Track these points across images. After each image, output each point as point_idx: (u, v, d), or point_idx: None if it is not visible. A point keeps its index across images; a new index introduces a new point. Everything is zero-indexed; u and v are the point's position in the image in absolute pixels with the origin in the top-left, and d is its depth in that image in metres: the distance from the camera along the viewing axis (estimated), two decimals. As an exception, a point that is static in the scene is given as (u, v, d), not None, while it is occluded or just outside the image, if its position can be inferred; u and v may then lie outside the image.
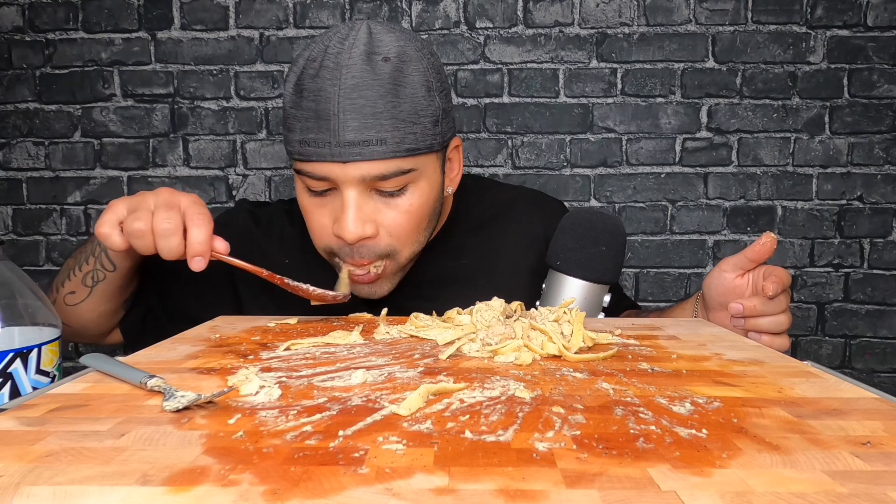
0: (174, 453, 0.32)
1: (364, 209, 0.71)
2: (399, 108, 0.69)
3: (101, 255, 0.74)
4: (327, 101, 0.68)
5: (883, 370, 1.52)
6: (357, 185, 0.70)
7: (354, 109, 0.68)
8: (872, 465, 0.31)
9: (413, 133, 0.70)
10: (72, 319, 0.79)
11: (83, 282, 0.76)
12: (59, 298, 0.78)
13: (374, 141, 0.68)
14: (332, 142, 0.68)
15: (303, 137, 0.70)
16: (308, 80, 0.70)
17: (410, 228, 0.75)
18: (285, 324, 0.67)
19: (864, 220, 1.50)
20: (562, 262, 0.77)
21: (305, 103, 0.70)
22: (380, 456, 0.31)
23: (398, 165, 0.70)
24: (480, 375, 0.47)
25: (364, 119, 0.68)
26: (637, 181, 1.51)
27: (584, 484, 0.28)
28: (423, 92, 0.71)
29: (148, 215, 0.62)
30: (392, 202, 0.73)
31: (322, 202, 0.74)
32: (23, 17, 1.51)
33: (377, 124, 0.68)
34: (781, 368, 0.49)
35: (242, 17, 1.50)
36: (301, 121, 0.70)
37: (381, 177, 0.70)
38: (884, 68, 1.46)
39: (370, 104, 0.68)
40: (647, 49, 1.48)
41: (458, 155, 0.83)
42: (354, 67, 0.68)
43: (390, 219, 0.73)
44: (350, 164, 0.69)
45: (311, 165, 0.71)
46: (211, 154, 1.53)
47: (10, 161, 1.54)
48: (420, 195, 0.74)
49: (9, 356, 0.52)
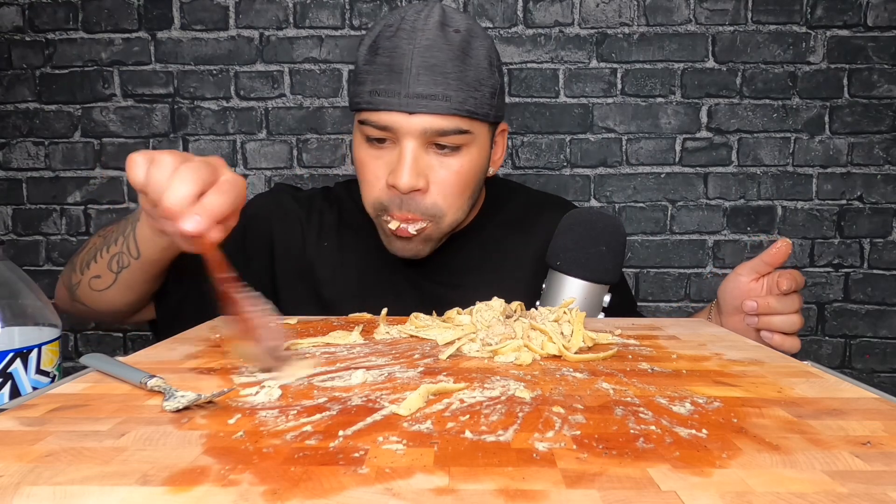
0: (174, 453, 0.32)
1: (420, 162, 0.76)
2: (465, 73, 0.75)
3: (130, 238, 0.70)
4: (402, 56, 0.74)
5: (883, 370, 1.52)
6: (417, 138, 0.75)
7: (426, 66, 0.73)
8: (872, 465, 0.31)
9: (474, 97, 0.76)
10: (97, 304, 0.76)
11: (109, 265, 0.72)
12: (83, 280, 0.74)
13: (440, 96, 0.74)
14: (401, 92, 0.73)
15: (374, 88, 0.75)
16: (384, 41, 0.75)
17: (458, 190, 0.78)
18: (285, 324, 0.67)
19: (864, 220, 1.50)
20: (562, 262, 0.77)
21: (380, 59, 0.75)
22: (380, 456, 0.31)
23: (457, 124, 0.75)
24: (480, 375, 0.47)
25: (433, 76, 0.73)
26: (637, 181, 1.51)
27: (584, 484, 0.28)
28: (485, 64, 0.77)
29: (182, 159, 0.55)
30: (445, 161, 0.77)
31: (379, 154, 0.78)
32: (23, 17, 1.51)
33: (444, 82, 0.74)
34: (781, 368, 0.49)
35: (242, 17, 1.50)
36: (373, 74, 0.75)
37: (441, 132, 0.75)
38: (884, 68, 1.46)
39: (440, 64, 0.74)
40: (647, 49, 1.48)
41: (503, 140, 0.88)
42: (430, 31, 0.74)
43: (441, 177, 0.77)
44: (415, 115, 0.74)
45: (377, 115, 0.75)
46: (211, 154, 1.53)
47: (10, 161, 1.54)
48: (470, 160, 0.78)
49: (9, 356, 0.52)
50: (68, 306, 0.80)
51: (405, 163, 0.74)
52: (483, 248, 0.90)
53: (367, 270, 0.87)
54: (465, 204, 0.81)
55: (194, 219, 0.51)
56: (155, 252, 0.69)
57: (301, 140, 1.52)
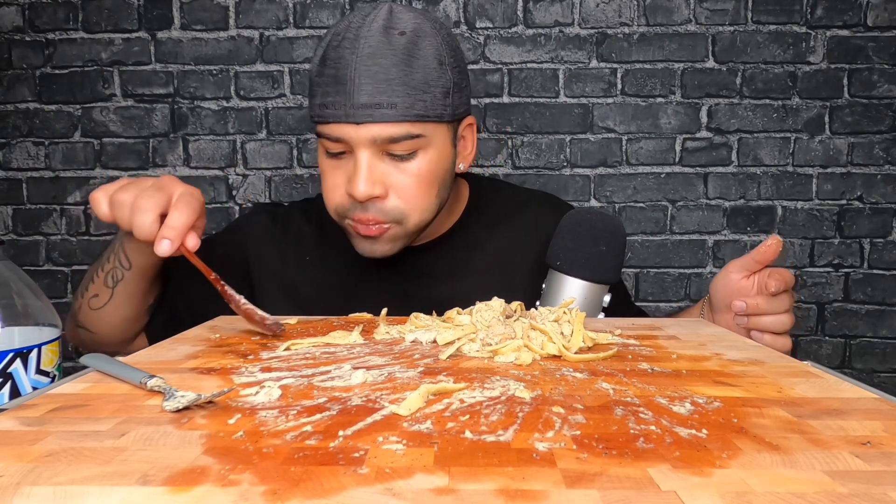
0: (174, 453, 0.32)
1: (375, 170, 0.76)
2: (410, 77, 0.74)
3: (119, 252, 0.75)
4: (345, 67, 0.74)
5: (883, 370, 1.52)
6: (369, 147, 0.75)
7: (369, 75, 0.73)
8: (872, 465, 0.31)
9: (423, 101, 0.75)
10: (97, 325, 0.79)
11: (105, 282, 0.77)
12: (83, 304, 0.79)
13: (385, 104, 0.74)
14: (347, 104, 0.74)
15: (322, 101, 0.76)
16: (331, 51, 0.76)
17: (418, 193, 0.78)
18: (285, 324, 0.67)
19: (864, 220, 1.50)
20: (562, 262, 0.77)
21: (327, 71, 0.76)
22: (380, 456, 0.31)
23: (407, 129, 0.75)
24: (480, 375, 0.47)
25: (377, 84, 0.73)
26: (637, 181, 1.51)
27: (584, 484, 0.28)
28: (434, 64, 0.76)
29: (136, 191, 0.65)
30: (402, 166, 0.77)
31: (337, 164, 0.79)
32: (23, 17, 1.51)
33: (389, 89, 0.73)
34: (781, 368, 0.49)
35: (242, 17, 1.50)
36: (322, 86, 0.76)
37: (391, 139, 0.75)
38: (884, 68, 1.46)
39: (383, 71, 0.73)
40: (647, 49, 1.48)
41: (472, 134, 0.87)
42: (372, 38, 0.74)
43: (399, 182, 0.77)
44: (363, 125, 0.74)
45: (328, 127, 0.76)
46: (211, 154, 1.53)
47: (10, 161, 1.54)
48: (428, 162, 0.78)
49: (9, 356, 0.52)
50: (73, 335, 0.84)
51: (360, 172, 0.75)
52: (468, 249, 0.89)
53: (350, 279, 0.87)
54: (430, 204, 0.80)
55: (164, 242, 0.62)
56: (144, 260, 0.75)
57: (301, 140, 1.52)
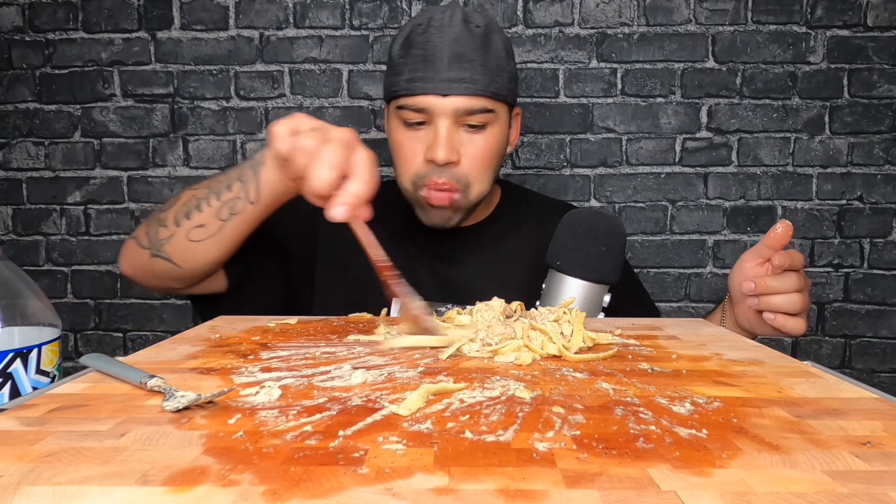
0: (174, 453, 0.32)
1: (452, 138, 0.86)
2: (487, 60, 0.87)
3: (250, 182, 0.72)
4: (434, 48, 0.86)
5: (883, 370, 1.52)
6: (450, 117, 0.86)
7: (454, 55, 0.85)
8: (872, 465, 0.31)
9: (496, 81, 0.87)
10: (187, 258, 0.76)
11: (218, 213, 0.74)
12: (178, 233, 0.75)
13: (469, 80, 0.85)
14: (435, 78, 0.85)
15: (411, 76, 0.86)
16: (417, 37, 0.87)
17: (484, 163, 0.89)
18: (285, 324, 0.67)
19: (864, 220, 1.50)
20: (562, 262, 0.77)
21: (414, 52, 0.87)
22: (380, 456, 0.31)
23: (483, 104, 0.86)
24: (480, 375, 0.47)
25: (461, 63, 0.85)
26: (637, 181, 1.51)
27: (584, 484, 0.28)
28: (503, 54, 0.89)
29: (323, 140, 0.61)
30: (474, 137, 0.88)
31: (415, 135, 0.88)
32: (23, 17, 1.51)
33: (471, 68, 0.85)
34: (781, 368, 0.49)
35: (242, 17, 1.50)
36: (409, 65, 0.87)
37: (470, 111, 0.86)
38: (884, 68, 1.46)
39: (467, 53, 0.86)
40: (647, 49, 1.48)
41: (518, 123, 0.99)
42: (455, 27, 0.87)
43: (471, 151, 0.88)
44: (448, 97, 0.85)
45: (414, 99, 0.86)
46: (211, 154, 1.53)
47: (10, 161, 1.54)
48: (493, 137, 0.89)
49: (9, 356, 0.52)
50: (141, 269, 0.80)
51: (440, 139, 0.85)
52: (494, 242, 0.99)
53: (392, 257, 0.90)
54: (489, 176, 0.92)
55: (340, 208, 0.59)
56: (275, 197, 0.73)
57: (301, 140, 1.52)
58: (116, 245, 1.55)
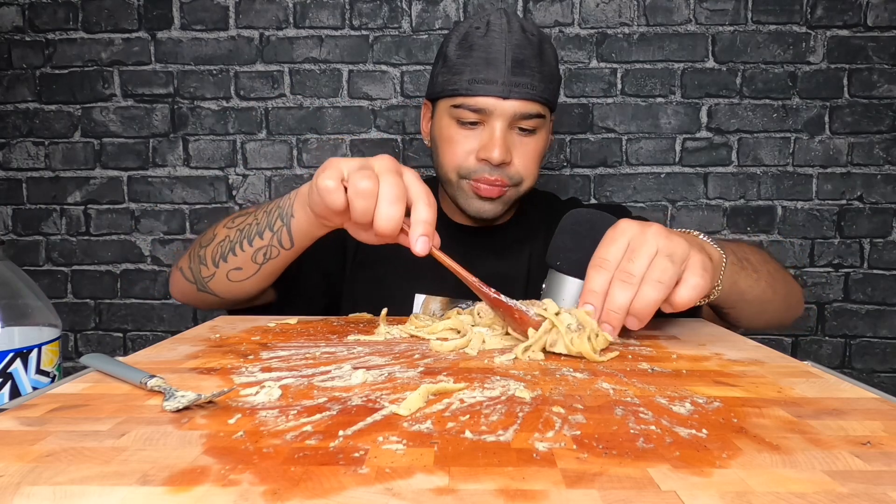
0: (174, 453, 0.32)
1: (507, 140, 0.90)
2: (543, 67, 0.90)
3: (282, 232, 0.71)
4: (498, 52, 0.88)
5: (883, 370, 1.52)
6: (507, 119, 0.88)
7: (517, 60, 0.88)
8: (872, 465, 0.31)
9: (549, 88, 0.92)
10: (231, 293, 0.79)
11: (253, 258, 0.74)
12: (218, 273, 0.77)
13: (529, 85, 0.89)
14: (499, 80, 0.87)
15: (473, 77, 0.89)
16: (478, 39, 0.90)
17: (533, 163, 0.93)
18: (285, 324, 0.67)
19: (864, 220, 1.50)
20: (562, 262, 0.77)
21: (476, 54, 0.89)
22: (380, 456, 0.31)
23: (538, 109, 0.90)
24: (480, 375, 0.47)
25: (522, 69, 0.88)
26: (637, 181, 1.51)
27: (584, 484, 0.28)
28: (553, 63, 0.93)
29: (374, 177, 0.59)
30: (524, 140, 0.92)
31: (468, 134, 0.91)
32: (23, 17, 1.51)
33: (530, 74, 0.89)
34: (781, 368, 0.49)
35: (242, 17, 1.50)
36: (471, 66, 0.89)
37: (526, 115, 0.89)
38: (884, 68, 1.46)
39: (527, 59, 0.89)
40: (647, 49, 1.48)
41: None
42: (516, 34, 0.90)
43: (522, 153, 0.92)
44: (509, 100, 0.88)
45: (475, 100, 0.88)
46: (211, 154, 1.53)
47: (10, 161, 1.54)
48: (541, 140, 0.94)
49: (9, 356, 0.52)
50: (192, 298, 0.83)
51: (497, 140, 0.88)
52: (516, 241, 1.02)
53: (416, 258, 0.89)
54: (536, 175, 0.96)
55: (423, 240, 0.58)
56: (311, 240, 0.73)
57: (301, 140, 1.52)
58: (117, 245, 1.55)
